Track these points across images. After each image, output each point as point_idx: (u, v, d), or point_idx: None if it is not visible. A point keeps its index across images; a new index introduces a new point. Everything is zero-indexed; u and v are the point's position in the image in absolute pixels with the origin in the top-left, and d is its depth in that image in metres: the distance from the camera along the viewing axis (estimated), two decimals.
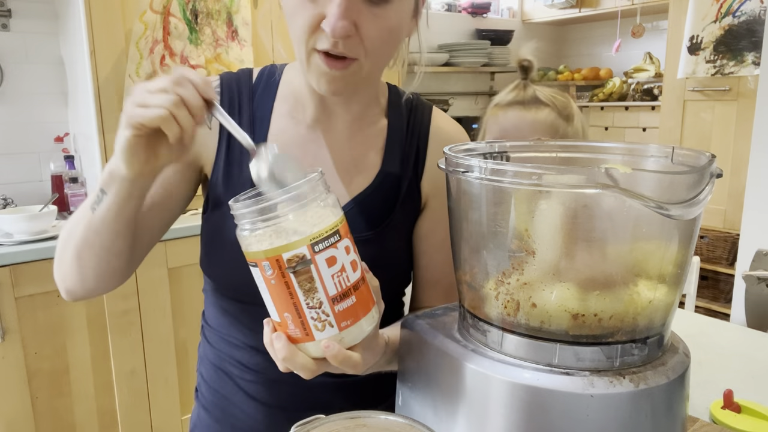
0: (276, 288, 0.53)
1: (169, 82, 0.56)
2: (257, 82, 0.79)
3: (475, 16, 3.53)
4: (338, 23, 0.61)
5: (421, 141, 0.81)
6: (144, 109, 0.55)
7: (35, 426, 1.78)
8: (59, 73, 2.26)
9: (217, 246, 0.75)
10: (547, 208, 0.52)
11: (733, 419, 0.87)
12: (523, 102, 1.02)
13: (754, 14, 2.57)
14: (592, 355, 0.53)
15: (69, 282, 0.73)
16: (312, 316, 0.54)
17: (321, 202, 0.54)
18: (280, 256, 0.52)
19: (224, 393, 0.80)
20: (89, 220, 0.66)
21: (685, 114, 2.89)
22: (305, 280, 0.52)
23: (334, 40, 0.62)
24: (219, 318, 0.80)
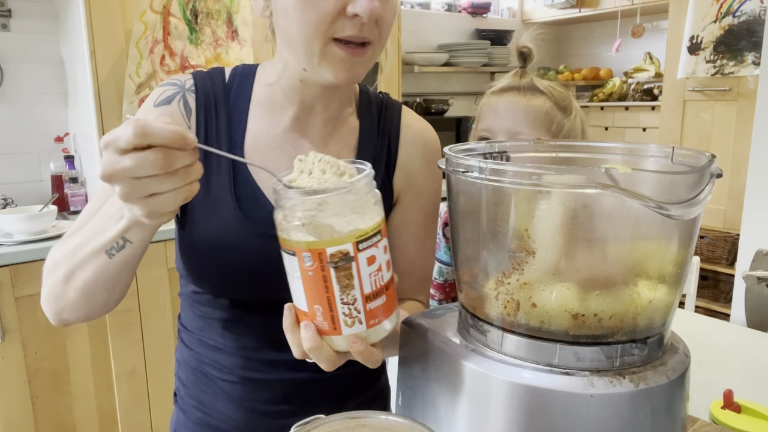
0: (312, 280, 0.53)
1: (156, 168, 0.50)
2: (230, 82, 0.78)
3: (475, 16, 3.53)
4: (372, 4, 0.63)
5: (392, 139, 0.82)
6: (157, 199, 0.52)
7: (35, 426, 1.78)
8: (59, 73, 2.26)
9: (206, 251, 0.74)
10: (547, 208, 0.52)
11: (733, 419, 0.87)
12: (519, 88, 0.99)
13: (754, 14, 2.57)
14: (592, 355, 0.53)
15: (68, 314, 0.70)
16: (344, 311, 0.54)
17: (371, 199, 0.54)
18: (324, 250, 0.51)
19: (204, 396, 0.80)
20: (104, 265, 0.63)
21: (685, 114, 2.89)
22: (344, 276, 0.52)
23: (367, 22, 0.64)
24: (197, 321, 0.79)
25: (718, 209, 2.76)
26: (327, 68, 0.67)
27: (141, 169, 0.49)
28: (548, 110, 0.97)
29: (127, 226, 0.59)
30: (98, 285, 0.65)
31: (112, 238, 0.61)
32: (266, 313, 0.74)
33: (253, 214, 0.73)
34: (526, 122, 0.96)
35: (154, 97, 0.75)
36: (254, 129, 0.76)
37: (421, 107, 3.01)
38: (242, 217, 0.72)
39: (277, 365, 0.77)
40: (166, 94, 0.75)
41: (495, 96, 1.01)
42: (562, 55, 4.06)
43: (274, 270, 0.72)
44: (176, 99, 0.75)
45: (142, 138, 0.49)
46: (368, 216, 0.53)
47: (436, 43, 3.32)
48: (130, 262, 0.64)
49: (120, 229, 0.60)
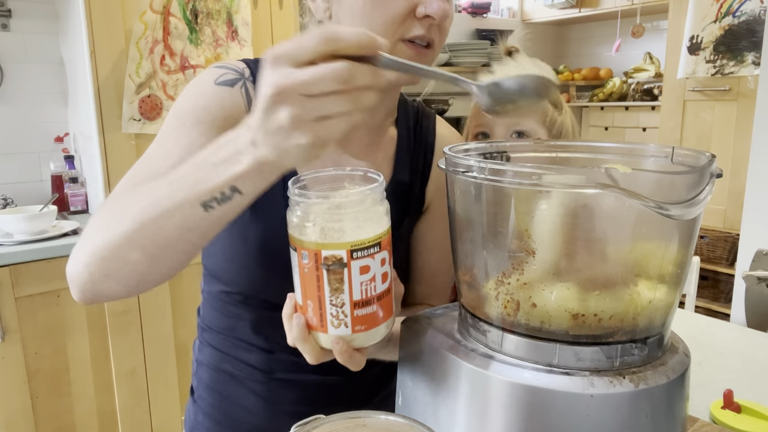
0: (307, 277, 0.55)
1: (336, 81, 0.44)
2: None
3: (475, 16, 3.53)
4: (444, 4, 0.64)
5: (428, 149, 0.83)
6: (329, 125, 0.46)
7: (35, 426, 1.78)
8: (59, 73, 2.26)
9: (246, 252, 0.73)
10: (547, 208, 0.52)
11: (733, 419, 0.87)
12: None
13: (754, 14, 2.57)
14: (592, 355, 0.53)
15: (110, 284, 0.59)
16: (332, 312, 0.56)
17: (373, 211, 0.55)
18: (320, 251, 0.53)
19: (227, 394, 0.80)
20: (198, 219, 0.54)
21: (685, 114, 2.89)
22: (336, 280, 0.54)
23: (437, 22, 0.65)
24: (224, 321, 0.79)
25: (718, 209, 2.76)
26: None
27: (320, 84, 0.44)
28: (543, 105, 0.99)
29: (246, 171, 0.50)
30: (177, 244, 0.56)
31: (216, 187, 0.52)
32: None
33: None
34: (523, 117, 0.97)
35: (214, 76, 0.72)
36: None
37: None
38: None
39: (304, 367, 0.76)
40: (227, 76, 0.72)
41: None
42: (562, 55, 4.06)
43: None
44: (238, 84, 0.72)
45: (330, 44, 0.44)
46: (370, 227, 0.54)
47: None
48: (224, 221, 0.55)
49: (234, 174, 0.51)
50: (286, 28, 2.25)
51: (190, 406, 0.85)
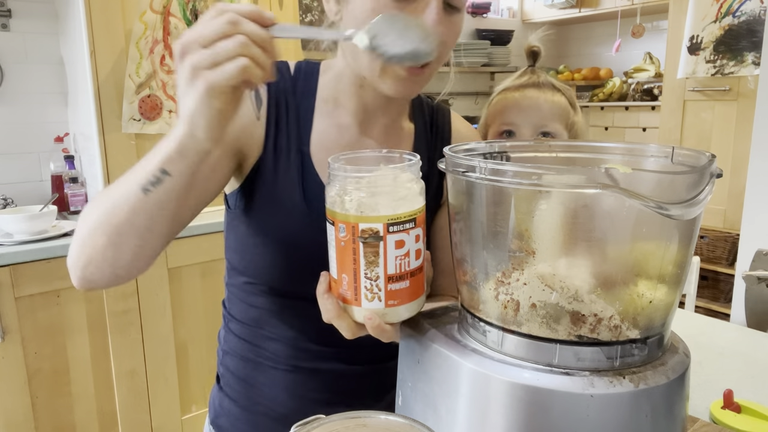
0: (344, 250, 0.57)
1: (224, 24, 0.52)
2: (296, 77, 0.79)
3: (475, 16, 3.53)
4: (439, 29, 0.65)
5: (444, 143, 0.85)
6: (220, 69, 0.51)
7: (35, 426, 1.78)
8: (59, 73, 2.26)
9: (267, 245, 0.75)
10: (547, 208, 0.52)
11: (733, 419, 0.87)
12: (538, 85, 1.03)
13: (754, 14, 2.57)
14: (592, 355, 0.53)
15: (93, 268, 0.64)
16: (366, 285, 0.57)
17: (413, 187, 0.58)
18: (357, 224, 0.55)
19: (254, 383, 0.82)
20: (140, 202, 0.60)
21: (685, 114, 2.89)
22: (371, 253, 0.56)
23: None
24: (249, 311, 0.81)
25: (718, 209, 2.76)
26: (385, 83, 0.70)
27: (210, 30, 0.51)
28: (565, 106, 1.02)
29: (169, 153, 0.56)
30: (129, 228, 0.61)
31: (150, 172, 0.58)
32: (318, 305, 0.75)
33: (319, 209, 0.74)
34: (550, 116, 1.00)
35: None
36: (320, 128, 0.77)
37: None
38: (309, 213, 0.74)
39: (328, 356, 0.79)
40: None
41: (515, 92, 1.04)
42: (562, 55, 4.06)
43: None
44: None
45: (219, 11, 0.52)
46: (406, 203, 0.57)
47: None
48: (165, 204, 0.60)
49: (161, 159, 0.57)
50: None
51: (215, 392, 0.87)
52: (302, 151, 0.75)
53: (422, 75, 0.70)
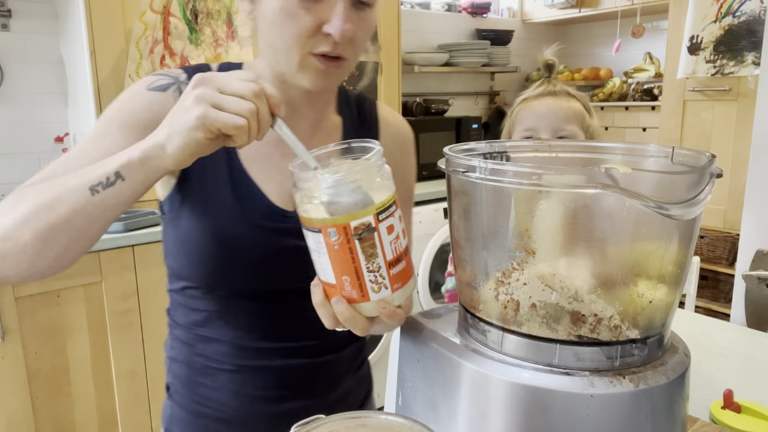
0: (339, 253, 0.57)
1: (248, 90, 0.56)
2: None
3: (475, 16, 3.53)
4: (346, 26, 0.67)
5: (373, 133, 0.86)
6: (224, 115, 0.56)
7: (35, 426, 1.78)
8: (59, 73, 2.26)
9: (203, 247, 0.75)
10: (547, 208, 0.52)
11: (733, 419, 0.87)
12: (555, 93, 1.15)
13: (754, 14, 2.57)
14: (592, 355, 0.53)
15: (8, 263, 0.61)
16: (370, 279, 0.58)
17: (385, 171, 0.58)
18: (348, 224, 0.55)
19: (200, 387, 0.81)
20: (83, 203, 0.59)
21: (685, 114, 2.89)
22: (369, 246, 0.56)
23: (340, 42, 0.68)
24: (191, 315, 0.80)
25: (718, 209, 2.76)
26: (304, 77, 0.72)
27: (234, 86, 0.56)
28: (580, 110, 1.13)
29: (130, 159, 0.58)
30: (64, 227, 0.60)
31: (103, 173, 0.59)
32: (260, 303, 0.77)
33: (251, 207, 0.75)
34: (566, 120, 1.11)
35: (147, 82, 0.75)
36: None
37: (421, 107, 3.01)
38: (240, 210, 0.74)
39: (272, 353, 0.79)
40: (160, 81, 0.75)
41: (534, 101, 1.16)
42: (562, 55, 4.06)
43: (269, 261, 0.75)
44: (171, 89, 0.75)
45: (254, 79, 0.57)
46: (385, 188, 0.57)
47: (436, 43, 3.31)
48: (108, 208, 0.60)
49: (120, 162, 0.59)
50: None
51: (166, 402, 0.87)
52: (229, 151, 0.76)
53: (340, 68, 0.72)
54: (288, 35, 0.69)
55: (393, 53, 2.63)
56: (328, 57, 0.70)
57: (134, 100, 0.74)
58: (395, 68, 2.65)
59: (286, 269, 0.75)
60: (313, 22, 0.68)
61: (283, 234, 0.75)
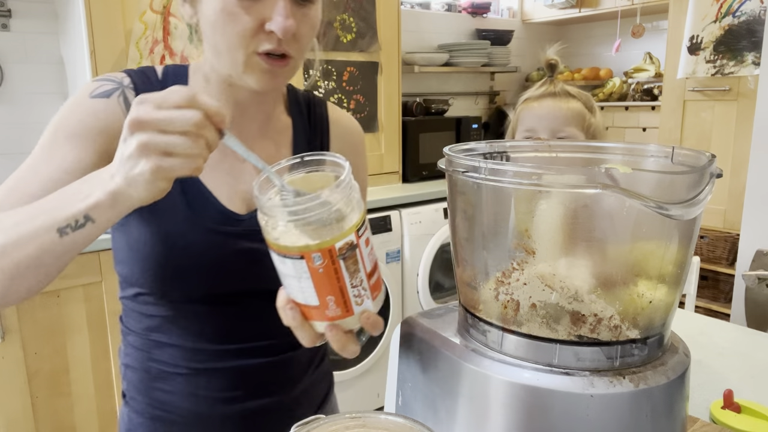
0: (323, 275, 0.56)
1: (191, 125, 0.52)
2: (164, 82, 0.79)
3: (475, 16, 3.53)
4: (288, 23, 0.66)
5: (324, 134, 0.86)
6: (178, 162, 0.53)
7: (35, 426, 1.78)
8: (59, 73, 2.26)
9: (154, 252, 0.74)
10: (547, 208, 0.52)
11: (733, 419, 0.87)
12: (554, 94, 1.15)
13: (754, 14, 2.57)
14: (592, 355, 0.53)
15: None
16: (354, 293, 0.58)
17: (355, 188, 0.58)
18: (333, 246, 0.54)
19: (156, 392, 0.81)
20: (52, 243, 0.58)
21: (685, 114, 2.89)
22: (352, 263, 0.56)
23: (283, 38, 0.67)
24: (143, 321, 0.80)
25: (718, 209, 2.76)
26: (250, 78, 0.71)
27: (175, 122, 0.52)
28: (580, 110, 1.13)
29: (100, 201, 0.55)
30: (33, 267, 0.59)
31: (71, 215, 0.57)
32: (214, 306, 0.76)
33: (202, 211, 0.74)
34: (565, 121, 1.12)
35: (89, 89, 0.74)
36: None
37: (421, 107, 3.00)
38: (191, 215, 0.74)
39: (225, 354, 0.79)
40: (103, 87, 0.74)
41: (534, 102, 1.16)
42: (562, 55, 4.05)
43: (222, 265, 0.75)
44: (116, 94, 0.74)
45: (190, 101, 0.53)
46: (359, 205, 0.57)
47: (436, 43, 3.31)
48: (79, 246, 0.59)
49: (88, 204, 0.56)
50: None
51: (123, 409, 0.86)
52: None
53: (285, 67, 0.71)
54: (230, 36, 0.68)
55: (393, 53, 2.63)
56: (273, 56, 0.69)
57: (78, 109, 0.72)
58: (395, 68, 2.65)
59: (239, 273, 0.75)
60: (254, 20, 0.67)
61: (236, 238, 0.75)
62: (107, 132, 0.72)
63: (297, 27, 0.69)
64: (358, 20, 2.45)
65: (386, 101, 2.63)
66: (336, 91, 2.44)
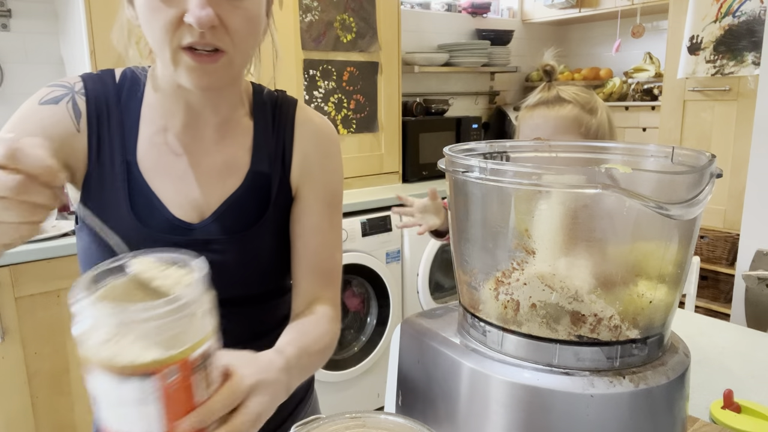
0: (174, 395, 0.45)
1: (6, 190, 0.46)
2: (121, 85, 0.78)
3: (475, 16, 3.53)
4: (202, 12, 0.62)
5: (287, 136, 0.82)
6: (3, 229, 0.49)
7: (35, 426, 1.78)
8: (59, 73, 2.26)
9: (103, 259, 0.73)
10: (547, 208, 0.52)
11: (733, 419, 0.87)
12: (547, 102, 1.13)
13: (754, 14, 2.57)
14: (592, 355, 0.53)
15: None
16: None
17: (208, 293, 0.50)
18: (186, 358, 0.45)
19: None
20: None
21: (685, 114, 2.89)
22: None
23: (200, 30, 0.63)
24: None
25: (718, 209, 2.76)
26: (182, 75, 0.67)
27: None
28: (576, 116, 1.10)
29: None
30: None
31: None
32: None
33: (149, 220, 0.73)
34: (557, 131, 1.10)
35: (40, 96, 0.73)
36: (146, 134, 0.76)
37: (421, 107, 3.00)
38: (137, 224, 0.72)
39: None
40: (53, 93, 0.73)
41: (528, 111, 1.16)
42: (562, 55, 4.06)
43: None
44: (64, 100, 0.73)
45: (10, 160, 0.46)
46: (212, 306, 0.49)
47: (436, 43, 3.31)
48: None
49: None
50: (286, 28, 2.25)
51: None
52: (128, 161, 0.74)
53: (215, 63, 0.66)
54: (155, 31, 0.65)
55: (393, 53, 2.63)
56: (200, 52, 0.65)
57: (26, 118, 0.72)
58: (395, 68, 2.65)
59: None
60: (175, 13, 0.64)
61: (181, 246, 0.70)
62: (53, 139, 0.71)
63: (227, 18, 0.65)
64: (358, 20, 2.45)
65: (386, 101, 2.63)
66: (336, 91, 2.44)
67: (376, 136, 2.63)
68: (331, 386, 2.28)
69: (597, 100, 1.15)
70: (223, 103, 0.77)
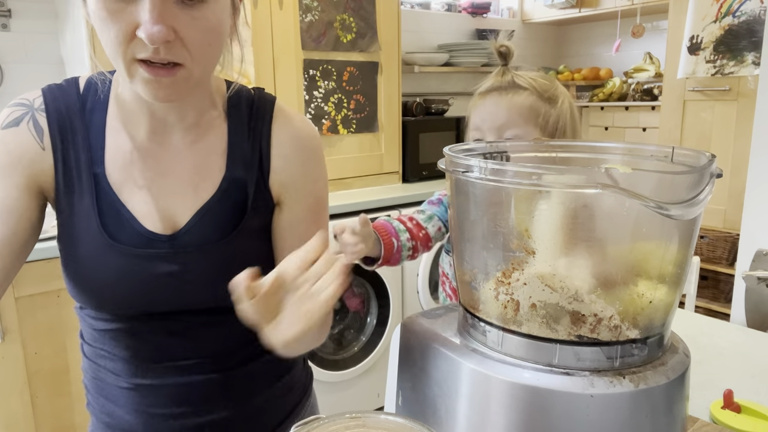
0: None
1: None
2: (85, 94, 0.75)
3: (475, 16, 3.53)
4: (154, 29, 0.58)
5: (264, 140, 0.77)
6: None
7: (35, 426, 1.78)
8: (59, 73, 2.26)
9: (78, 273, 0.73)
10: (547, 208, 0.52)
11: (733, 419, 0.87)
12: (500, 88, 1.02)
13: (754, 14, 2.57)
14: (592, 355, 0.53)
15: None
16: None
17: None
18: None
19: (105, 402, 0.81)
20: None
21: (685, 114, 2.89)
22: None
23: (153, 46, 0.60)
24: (91, 332, 0.80)
25: (718, 209, 2.76)
26: (138, 87, 0.64)
27: None
28: (531, 104, 0.99)
29: None
30: None
31: None
32: (146, 323, 0.75)
33: (118, 235, 0.71)
34: (510, 119, 0.99)
35: (2, 119, 0.72)
36: (113, 144, 0.73)
37: (421, 107, 3.00)
38: (107, 239, 0.71)
39: (168, 371, 0.77)
40: (13, 115, 0.72)
41: (480, 97, 1.04)
42: (562, 55, 4.06)
43: (141, 288, 0.72)
44: (25, 120, 0.72)
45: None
46: None
47: (436, 43, 3.31)
48: None
49: None
50: (286, 28, 2.25)
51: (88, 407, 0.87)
52: (96, 173, 0.72)
53: (173, 76, 0.63)
54: (107, 42, 0.62)
55: (393, 53, 2.63)
56: (156, 65, 0.61)
57: None
58: (395, 68, 2.65)
59: (162, 295, 0.72)
60: (127, 24, 0.59)
61: (157, 260, 0.71)
62: (22, 164, 0.70)
63: (183, 31, 0.61)
64: (358, 20, 2.45)
65: (386, 101, 2.63)
66: (336, 91, 2.44)
67: (376, 136, 2.63)
68: (331, 386, 2.28)
69: (558, 87, 1.03)
70: (189, 108, 0.74)
